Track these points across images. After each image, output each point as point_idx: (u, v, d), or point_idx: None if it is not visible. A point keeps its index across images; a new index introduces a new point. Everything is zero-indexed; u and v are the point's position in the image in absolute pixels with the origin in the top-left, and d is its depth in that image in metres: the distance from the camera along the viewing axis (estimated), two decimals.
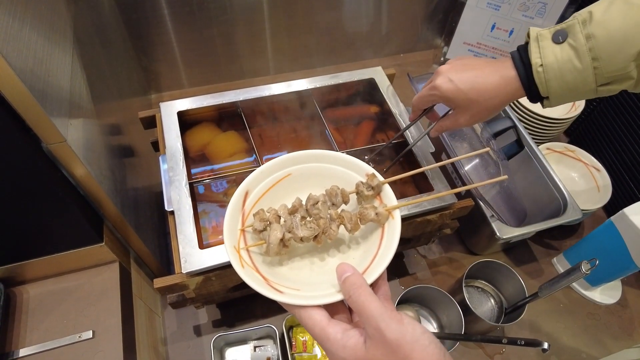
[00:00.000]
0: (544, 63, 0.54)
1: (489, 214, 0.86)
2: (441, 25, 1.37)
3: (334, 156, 0.52)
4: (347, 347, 0.37)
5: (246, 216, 0.49)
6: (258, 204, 0.50)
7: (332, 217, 0.47)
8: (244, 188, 0.50)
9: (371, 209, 0.47)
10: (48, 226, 0.60)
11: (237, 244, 0.46)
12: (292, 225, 0.46)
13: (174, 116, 0.81)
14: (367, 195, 0.49)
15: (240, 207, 0.49)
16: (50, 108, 0.48)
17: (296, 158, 0.52)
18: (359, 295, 0.38)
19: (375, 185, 0.48)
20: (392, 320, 0.36)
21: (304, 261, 0.49)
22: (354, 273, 0.40)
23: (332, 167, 0.53)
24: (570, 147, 1.05)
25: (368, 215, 0.46)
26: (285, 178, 0.52)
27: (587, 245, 0.91)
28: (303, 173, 0.53)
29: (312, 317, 0.39)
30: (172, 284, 0.65)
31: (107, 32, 0.91)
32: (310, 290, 0.42)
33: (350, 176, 0.52)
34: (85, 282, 0.68)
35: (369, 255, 0.46)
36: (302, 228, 0.46)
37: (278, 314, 0.88)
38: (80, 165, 0.54)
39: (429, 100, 0.67)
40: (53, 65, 0.53)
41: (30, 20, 0.50)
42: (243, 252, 0.46)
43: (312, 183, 0.52)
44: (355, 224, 0.47)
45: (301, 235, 0.45)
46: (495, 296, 0.93)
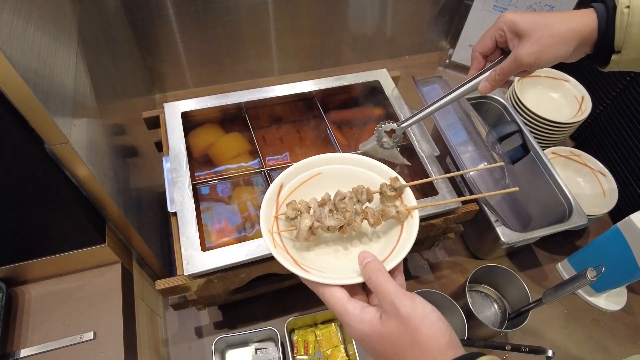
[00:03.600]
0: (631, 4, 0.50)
1: (494, 218, 0.85)
2: (447, 28, 1.37)
3: (361, 160, 0.58)
4: (365, 321, 0.42)
5: (279, 205, 0.54)
6: (290, 197, 0.55)
7: (357, 211, 0.52)
8: (279, 181, 0.55)
9: (392, 207, 0.52)
10: (50, 227, 0.60)
11: (271, 228, 0.51)
12: (321, 215, 0.51)
13: (177, 117, 0.80)
14: (389, 196, 0.53)
15: (275, 197, 0.54)
16: (53, 109, 0.47)
17: (327, 159, 0.58)
18: (378, 277, 0.43)
19: (397, 187, 0.53)
20: (405, 297, 0.40)
21: (329, 249, 0.54)
22: (374, 259, 0.45)
23: (359, 170, 0.58)
24: (576, 152, 1.04)
25: (389, 212, 0.51)
26: (316, 176, 0.58)
27: (592, 251, 0.90)
28: (332, 173, 0.58)
29: (334, 295, 0.44)
30: (174, 286, 0.65)
31: (112, 31, 0.91)
32: (333, 274, 0.47)
33: (374, 179, 0.57)
34: (87, 283, 0.68)
35: (387, 248, 0.50)
36: (329, 218, 0.51)
37: (279, 316, 0.88)
38: (83, 166, 0.54)
39: (491, 35, 0.60)
40: (57, 65, 0.53)
41: (35, 20, 0.50)
42: (276, 236, 0.51)
43: (340, 183, 0.57)
44: (377, 219, 0.52)
45: (328, 225, 0.50)
46: (498, 301, 0.92)
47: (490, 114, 1.08)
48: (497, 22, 0.60)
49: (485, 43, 0.62)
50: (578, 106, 1.07)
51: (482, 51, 0.63)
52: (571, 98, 1.09)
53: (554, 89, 1.13)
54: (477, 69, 0.64)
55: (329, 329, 0.84)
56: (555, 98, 1.12)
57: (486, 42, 0.61)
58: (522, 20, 0.56)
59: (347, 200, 0.52)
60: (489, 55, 0.63)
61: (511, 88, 1.09)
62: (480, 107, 1.08)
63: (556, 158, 1.05)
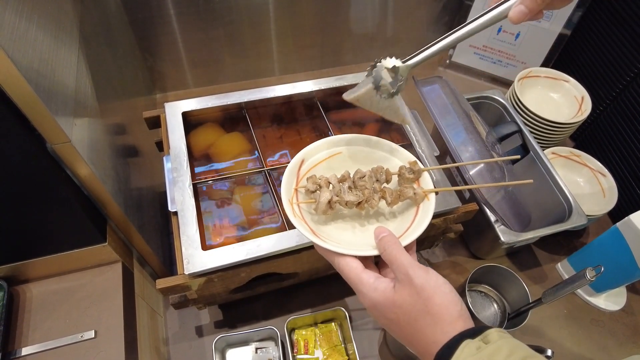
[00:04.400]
0: None
1: (493, 218, 0.85)
2: (447, 28, 1.36)
3: (381, 143, 0.60)
4: (378, 290, 0.44)
5: (300, 179, 0.56)
6: (310, 172, 0.57)
7: (375, 189, 0.54)
8: (301, 156, 0.58)
9: (410, 189, 0.54)
10: (51, 226, 0.60)
11: (291, 199, 0.54)
12: (340, 190, 0.53)
13: (178, 117, 0.81)
14: (407, 178, 0.55)
15: (296, 171, 0.57)
16: (55, 108, 0.48)
17: (349, 139, 0.60)
18: (393, 249, 0.45)
19: (416, 170, 0.55)
20: (419, 268, 0.42)
21: (346, 224, 0.55)
22: (389, 234, 0.47)
23: (379, 153, 0.60)
24: (575, 152, 1.04)
25: (407, 193, 0.53)
26: (336, 155, 0.60)
27: (592, 251, 0.91)
28: (352, 153, 0.60)
29: (348, 264, 0.46)
30: (174, 285, 0.65)
31: (113, 31, 0.91)
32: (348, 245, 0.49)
33: (394, 162, 0.59)
34: (88, 282, 0.68)
35: (403, 226, 0.52)
36: (348, 194, 0.52)
37: (280, 315, 0.88)
38: (85, 165, 0.54)
39: None
40: (59, 64, 0.53)
41: (37, 19, 0.50)
42: (295, 207, 0.53)
43: (359, 163, 0.59)
44: (395, 199, 0.54)
45: (347, 200, 0.52)
46: (498, 301, 0.92)
47: (490, 114, 1.08)
48: None
49: None
50: (578, 106, 1.07)
51: None
52: (571, 98, 1.10)
53: (553, 89, 1.13)
54: None
55: (329, 328, 0.85)
56: (555, 98, 1.12)
57: None
58: None
59: (367, 179, 0.54)
60: None
61: (511, 88, 1.09)
62: (481, 107, 1.08)
63: (556, 158, 1.05)
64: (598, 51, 1.10)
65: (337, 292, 0.91)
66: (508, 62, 1.29)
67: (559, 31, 1.18)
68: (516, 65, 1.29)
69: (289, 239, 0.67)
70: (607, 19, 1.07)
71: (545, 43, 1.21)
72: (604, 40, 1.08)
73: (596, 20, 1.10)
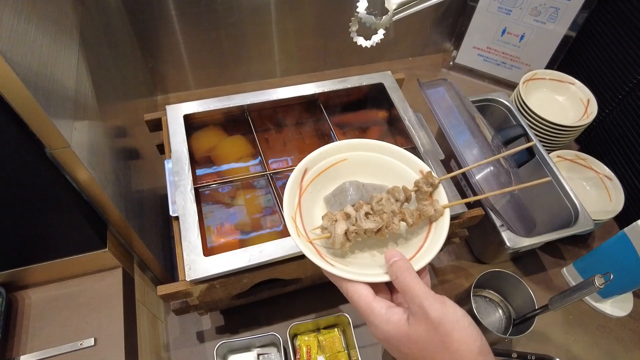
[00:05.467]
0: None
1: (499, 223, 0.84)
2: (451, 29, 1.36)
3: (390, 148, 0.56)
4: (391, 322, 0.41)
5: (303, 190, 0.53)
6: (314, 182, 0.54)
7: (394, 212, 0.50)
8: (304, 165, 0.54)
9: (430, 206, 0.50)
10: (51, 231, 0.59)
11: (294, 215, 0.50)
12: (356, 218, 0.49)
13: (180, 119, 0.79)
14: (425, 192, 0.52)
15: (299, 181, 0.53)
16: (54, 112, 0.47)
17: (354, 145, 0.56)
18: (405, 277, 0.41)
19: (433, 183, 0.52)
20: (435, 300, 0.39)
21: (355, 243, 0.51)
22: (401, 258, 0.44)
23: (387, 159, 0.56)
24: (581, 155, 1.03)
25: (427, 212, 0.49)
26: (341, 162, 0.56)
27: (599, 257, 0.89)
28: (358, 160, 0.56)
29: (358, 291, 0.43)
30: (175, 292, 0.64)
31: (114, 33, 0.90)
32: (357, 269, 0.46)
33: (402, 169, 0.55)
34: (88, 288, 0.67)
35: (414, 246, 0.49)
36: (366, 221, 0.48)
37: (282, 321, 0.87)
38: (84, 170, 0.53)
39: None
40: (58, 67, 0.52)
41: (36, 22, 0.49)
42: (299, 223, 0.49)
43: (365, 170, 0.56)
44: (416, 219, 0.50)
45: (365, 228, 0.48)
46: (503, 306, 0.91)
47: (495, 117, 1.07)
48: None
49: None
50: (584, 109, 1.06)
51: None
52: (577, 101, 1.08)
53: (559, 91, 1.12)
54: None
55: (332, 334, 0.83)
56: (561, 101, 1.11)
57: None
58: None
59: (384, 202, 0.50)
60: None
61: (516, 91, 1.08)
62: (485, 110, 1.07)
63: (561, 162, 1.04)
64: (604, 53, 1.09)
65: (340, 298, 0.88)
66: (512, 64, 1.28)
67: (564, 33, 1.16)
68: (520, 67, 1.27)
69: (292, 245, 0.66)
70: (613, 20, 1.06)
71: (550, 45, 1.20)
72: (610, 42, 1.07)
73: (602, 21, 1.09)
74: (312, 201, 0.54)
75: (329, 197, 0.54)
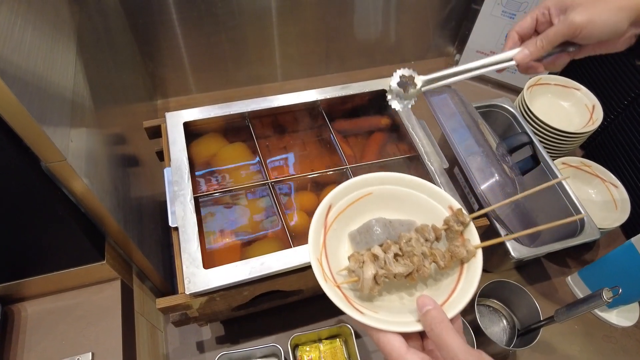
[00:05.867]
0: None
1: (503, 232, 0.83)
2: (454, 33, 1.34)
3: (416, 182, 0.54)
4: None
5: (328, 228, 0.51)
6: (339, 218, 0.52)
7: (425, 253, 0.47)
8: (328, 201, 0.51)
9: (462, 247, 0.47)
10: (47, 244, 0.57)
11: (320, 256, 0.48)
12: (385, 261, 0.46)
13: (179, 127, 0.78)
14: (456, 231, 0.49)
15: (323, 219, 0.51)
16: (49, 125, 0.45)
17: (379, 178, 0.54)
18: (441, 330, 0.40)
19: (464, 222, 0.49)
20: (472, 356, 0.38)
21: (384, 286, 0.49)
22: (435, 307, 0.42)
23: (413, 193, 0.54)
24: (586, 162, 1.01)
25: (460, 253, 0.47)
26: (366, 196, 0.54)
27: (605, 266, 0.88)
28: (384, 194, 0.54)
29: (390, 342, 0.41)
30: (174, 305, 0.63)
31: (113, 37, 0.89)
32: (388, 316, 0.44)
33: (430, 204, 0.53)
34: (85, 300, 0.66)
35: (446, 289, 0.47)
36: (395, 264, 0.46)
37: (283, 331, 0.86)
38: (81, 182, 0.52)
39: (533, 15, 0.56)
40: (55, 76, 0.51)
41: (31, 30, 0.47)
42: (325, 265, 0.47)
43: (391, 205, 0.54)
44: (448, 262, 0.47)
45: (395, 272, 0.46)
46: (507, 316, 0.90)
47: (499, 123, 1.05)
48: (542, 2, 0.56)
49: (524, 23, 0.57)
50: (589, 115, 1.04)
51: (521, 31, 0.58)
52: (582, 107, 1.07)
53: (564, 97, 1.10)
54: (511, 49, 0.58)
55: (334, 345, 0.82)
56: (566, 107, 1.10)
57: (526, 22, 0.57)
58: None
59: (414, 242, 0.48)
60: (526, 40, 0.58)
61: (520, 96, 1.07)
62: (489, 116, 1.05)
63: (566, 168, 1.02)
64: (610, 57, 1.07)
65: None
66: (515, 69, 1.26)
67: None
68: None
69: (294, 257, 0.64)
70: None
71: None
72: None
73: None
74: (337, 239, 0.52)
75: (354, 233, 0.52)
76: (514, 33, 0.58)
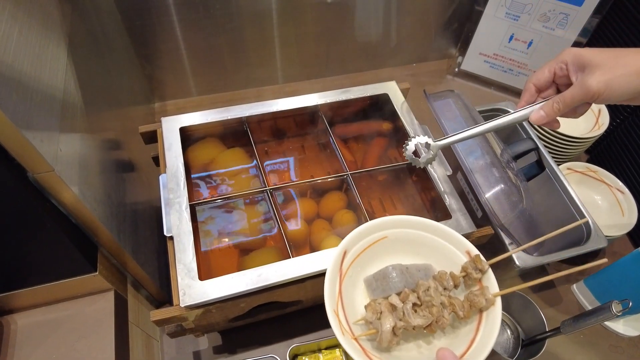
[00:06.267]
0: None
1: (508, 241, 0.80)
2: (456, 35, 1.32)
3: (432, 226, 0.53)
4: None
5: (343, 276, 0.49)
6: (354, 264, 0.51)
7: (444, 304, 0.47)
8: (343, 248, 0.50)
9: (481, 296, 0.46)
10: (36, 256, 0.55)
11: (337, 307, 0.46)
12: (404, 312, 0.45)
13: (175, 132, 0.76)
14: (475, 278, 0.49)
15: (338, 266, 0.49)
16: (36, 133, 0.43)
17: (395, 222, 0.54)
18: None
19: (482, 269, 0.49)
20: None
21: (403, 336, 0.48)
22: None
23: (429, 236, 0.53)
24: (592, 168, 0.99)
25: (479, 303, 0.46)
26: (381, 240, 0.53)
27: (611, 275, 0.86)
28: (399, 237, 0.54)
29: None
30: (169, 317, 0.61)
31: (108, 40, 0.87)
32: None
33: (447, 248, 0.52)
34: (78, 312, 0.64)
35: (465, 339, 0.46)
36: (414, 316, 0.45)
37: (282, 340, 0.84)
38: (71, 193, 0.50)
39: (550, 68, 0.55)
40: (42, 84, 0.49)
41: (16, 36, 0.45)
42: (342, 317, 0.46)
43: (407, 249, 0.53)
44: (467, 312, 0.46)
45: (414, 324, 0.45)
46: (511, 326, 0.88)
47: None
48: (560, 55, 0.54)
49: (542, 75, 0.56)
50: (595, 120, 1.02)
51: (537, 83, 0.57)
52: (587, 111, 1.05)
53: None
54: (528, 102, 0.58)
55: (334, 355, 0.80)
56: None
57: (543, 74, 0.56)
58: (589, 53, 0.51)
59: (432, 292, 0.47)
60: (543, 91, 0.58)
61: None
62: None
63: (571, 174, 1.00)
64: None
65: None
66: (519, 71, 1.24)
67: (574, 39, 1.13)
68: (528, 74, 1.24)
69: (293, 268, 0.62)
70: (625, 27, 1.02)
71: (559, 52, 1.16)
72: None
73: (613, 27, 1.05)
74: (353, 285, 0.51)
75: (370, 279, 0.51)
76: (530, 85, 0.57)
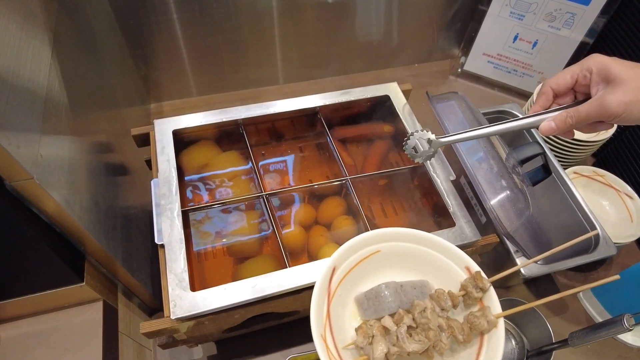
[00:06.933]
0: None
1: (513, 249, 0.78)
2: (459, 35, 1.29)
3: (429, 239, 0.50)
4: None
5: (332, 296, 0.46)
6: (344, 282, 0.47)
7: (441, 327, 0.43)
8: (332, 263, 0.47)
9: (482, 318, 0.43)
10: (18, 267, 0.53)
11: (324, 331, 0.43)
12: (397, 336, 0.42)
13: (168, 135, 0.73)
14: (475, 297, 0.45)
15: (326, 285, 0.46)
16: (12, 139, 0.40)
17: (389, 235, 0.50)
18: None
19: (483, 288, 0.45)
20: None
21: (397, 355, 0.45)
22: None
23: (425, 250, 0.50)
24: (599, 172, 0.96)
25: (480, 325, 0.43)
26: (373, 254, 0.49)
27: (620, 284, 0.82)
28: (393, 251, 0.50)
29: None
30: (159, 329, 0.58)
31: (100, 39, 0.84)
32: None
33: (445, 264, 0.49)
34: (64, 324, 0.61)
35: None
36: (409, 341, 0.41)
37: (279, 350, 0.81)
38: (53, 202, 0.47)
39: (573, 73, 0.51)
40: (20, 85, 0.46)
41: None
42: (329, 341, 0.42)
43: (402, 263, 0.50)
44: (467, 336, 0.43)
45: (409, 350, 0.41)
46: (516, 335, 0.85)
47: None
48: (585, 61, 0.50)
49: (563, 79, 0.52)
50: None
51: (556, 88, 0.53)
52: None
53: None
54: (542, 107, 0.54)
55: None
56: None
57: (564, 79, 0.52)
58: (617, 66, 0.47)
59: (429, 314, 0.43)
60: (560, 97, 0.54)
61: (529, 101, 1.02)
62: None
63: (578, 178, 0.97)
64: None
65: None
66: (524, 72, 1.21)
67: (580, 39, 1.10)
68: (532, 75, 1.21)
69: (289, 278, 0.59)
70: (633, 27, 0.99)
71: (565, 52, 1.13)
72: (630, 50, 1.00)
73: (621, 28, 1.02)
74: (343, 305, 0.47)
75: (361, 298, 0.47)
76: (549, 89, 0.53)
